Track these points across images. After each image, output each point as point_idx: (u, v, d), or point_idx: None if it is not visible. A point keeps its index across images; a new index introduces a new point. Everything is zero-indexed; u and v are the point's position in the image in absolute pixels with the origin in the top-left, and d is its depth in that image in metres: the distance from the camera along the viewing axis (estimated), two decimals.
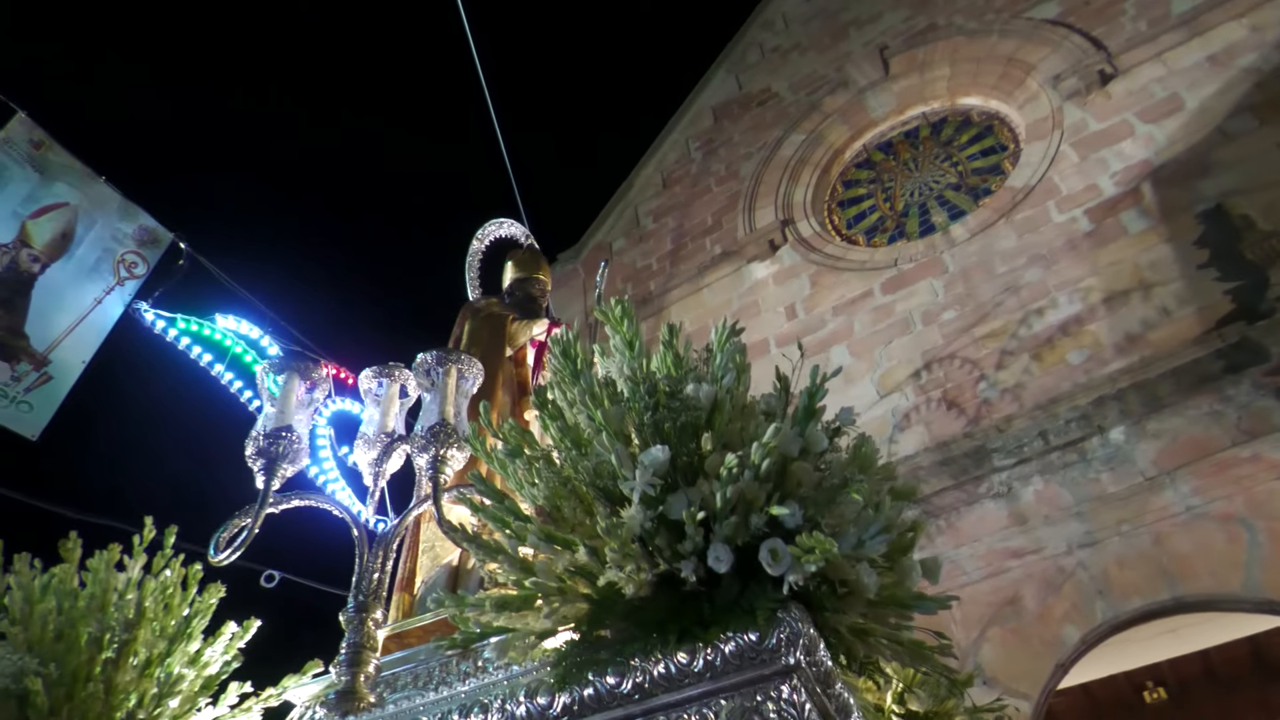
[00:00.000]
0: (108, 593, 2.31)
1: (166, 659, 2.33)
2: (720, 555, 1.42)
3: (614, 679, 1.39)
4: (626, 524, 1.48)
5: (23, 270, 5.50)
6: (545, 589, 1.52)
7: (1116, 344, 5.68)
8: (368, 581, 2.13)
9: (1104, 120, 6.72)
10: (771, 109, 9.03)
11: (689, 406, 1.59)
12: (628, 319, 1.77)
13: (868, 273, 7.20)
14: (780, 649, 1.32)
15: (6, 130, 5.58)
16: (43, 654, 2.11)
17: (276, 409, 2.31)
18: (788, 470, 1.53)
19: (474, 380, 2.47)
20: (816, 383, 1.70)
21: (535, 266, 4.22)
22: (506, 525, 1.60)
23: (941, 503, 5.67)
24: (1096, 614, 4.97)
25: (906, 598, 1.57)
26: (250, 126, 16.37)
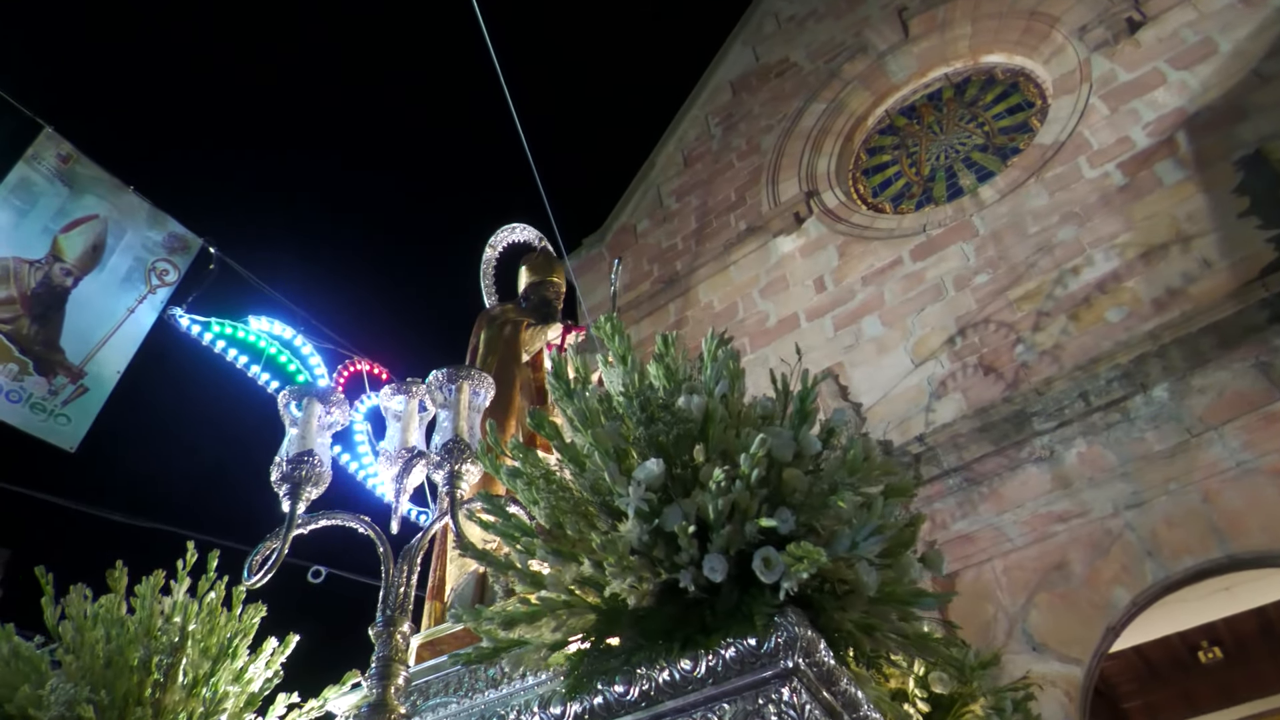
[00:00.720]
0: (153, 618, 2.39)
1: (211, 678, 2.41)
2: (715, 565, 1.47)
3: (622, 687, 1.46)
4: (623, 537, 1.53)
5: (56, 285, 5.60)
6: (553, 602, 1.59)
7: (1156, 299, 5.55)
8: (394, 595, 2.19)
9: (1134, 70, 6.54)
10: (790, 79, 8.90)
11: (681, 419, 1.64)
12: (619, 334, 1.81)
13: (896, 240, 7.10)
14: (778, 653, 1.38)
15: (34, 146, 5.66)
16: (94, 681, 2.19)
17: (298, 434, 2.38)
18: (781, 476, 1.57)
19: (486, 394, 2.53)
20: (809, 385, 1.72)
21: (549, 270, 4.26)
22: (515, 540, 1.66)
23: (983, 469, 5.60)
24: (1146, 575, 4.88)
25: (906, 595, 1.61)
26: (272, 127, 16.51)
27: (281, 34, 16.39)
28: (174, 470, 10.61)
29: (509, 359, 3.70)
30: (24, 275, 5.51)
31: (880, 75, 8.28)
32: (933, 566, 1.68)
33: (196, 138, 14.83)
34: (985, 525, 5.47)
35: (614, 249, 9.07)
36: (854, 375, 6.64)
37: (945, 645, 1.71)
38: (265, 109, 16.77)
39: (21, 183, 5.55)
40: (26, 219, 5.56)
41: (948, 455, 5.70)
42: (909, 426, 6.07)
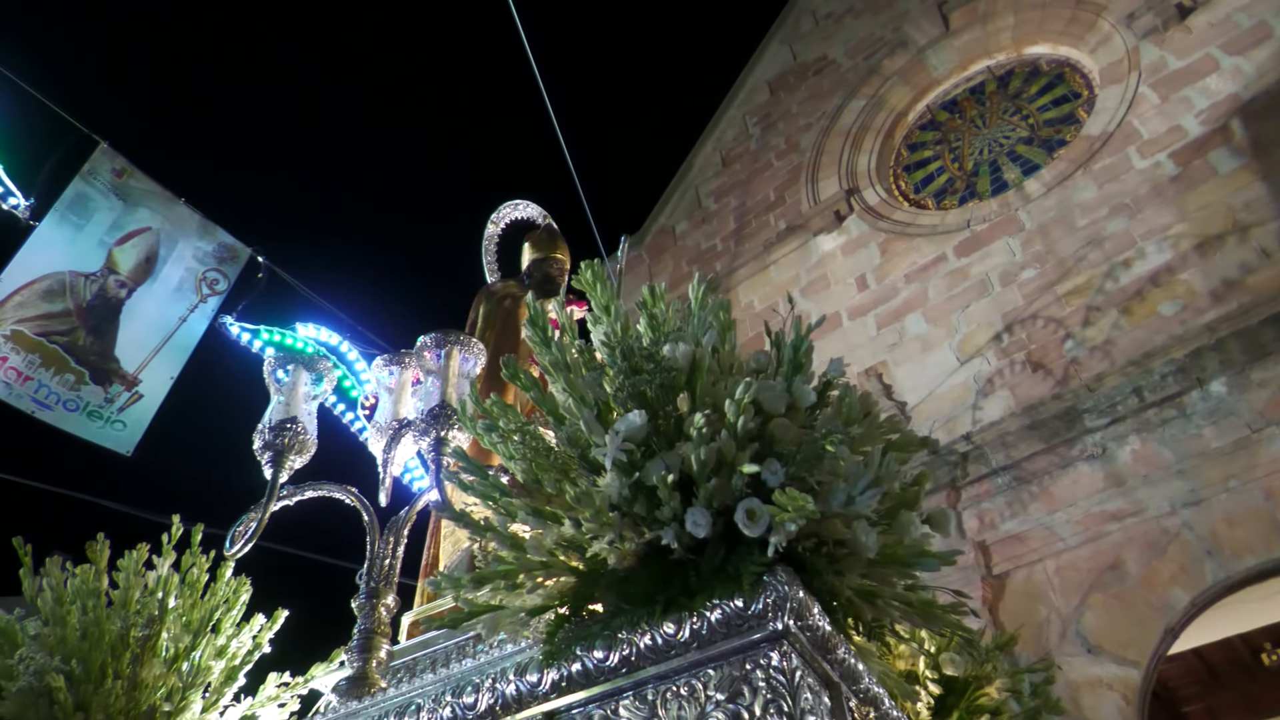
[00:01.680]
0: (132, 590, 2.38)
1: (191, 652, 2.40)
2: (698, 520, 1.36)
3: (601, 653, 1.36)
4: (600, 491, 1.44)
5: (111, 296, 5.77)
6: (527, 563, 1.49)
7: (1212, 291, 5.39)
8: (378, 567, 2.15)
9: (1185, 57, 6.37)
10: (828, 77, 8.83)
11: (666, 368, 1.52)
12: (600, 283, 1.70)
13: (939, 237, 6.99)
14: (767, 614, 1.27)
15: (90, 162, 5.83)
16: (67, 652, 2.19)
17: (284, 401, 2.34)
18: (772, 429, 1.46)
19: (476, 361, 2.45)
20: (802, 334, 1.60)
21: (552, 246, 4.13)
22: (494, 500, 1.57)
23: (1033, 468, 5.49)
24: (1206, 575, 4.74)
25: (907, 555, 1.48)
26: (316, 137, 16.81)
27: (324, 45, 16.69)
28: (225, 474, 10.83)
29: (508, 334, 3.61)
30: (80, 288, 5.68)
31: (920, 70, 8.17)
32: (938, 526, 1.54)
33: (245, 150, 15.16)
34: (1036, 525, 5.36)
35: (653, 251, 9.07)
36: (898, 374, 6.56)
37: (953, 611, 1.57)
38: (310, 120, 17.09)
39: (78, 198, 5.72)
40: (82, 233, 5.73)
41: (996, 454, 5.59)
42: (955, 425, 5.98)
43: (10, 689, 2.13)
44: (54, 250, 5.58)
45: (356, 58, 17.05)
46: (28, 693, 2.10)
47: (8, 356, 5.22)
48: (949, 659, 2.16)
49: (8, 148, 5.38)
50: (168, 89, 15.25)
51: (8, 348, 5.23)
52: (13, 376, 5.22)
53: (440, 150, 18.85)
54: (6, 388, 5.17)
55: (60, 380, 5.39)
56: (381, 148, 17.92)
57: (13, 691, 2.12)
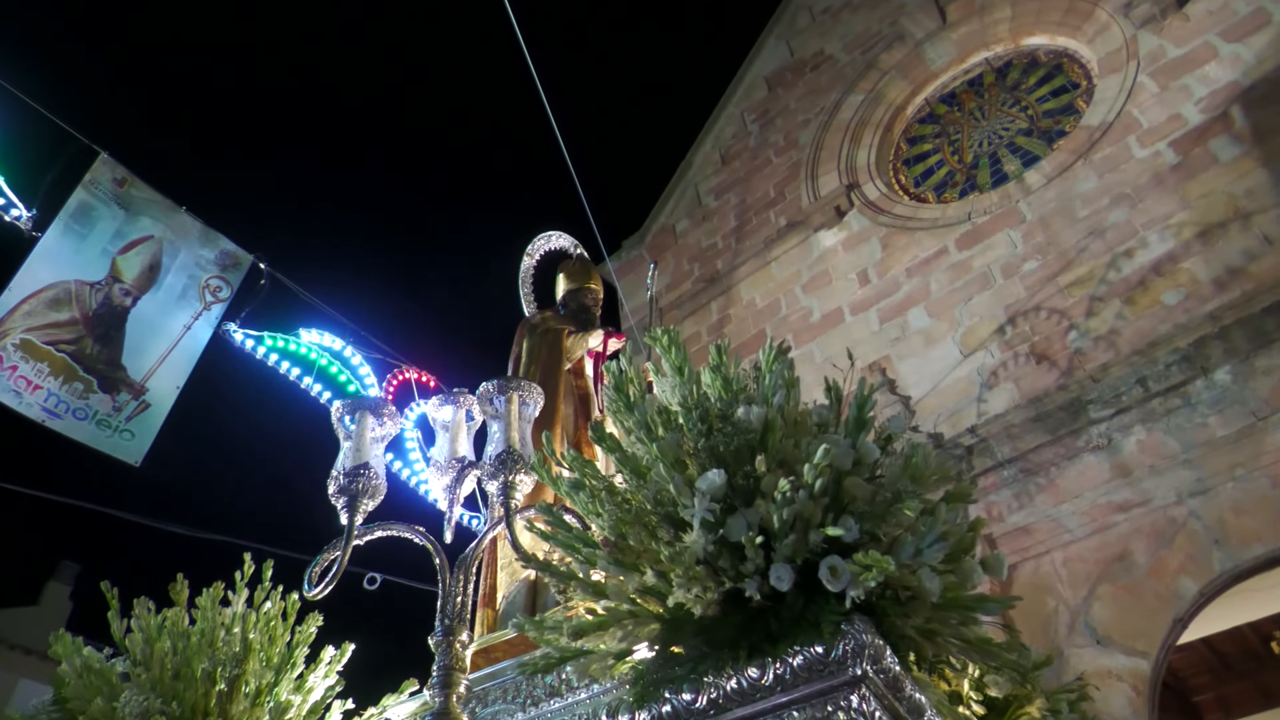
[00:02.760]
0: (216, 629, 2.45)
1: (274, 688, 2.46)
2: (782, 575, 1.47)
3: (690, 695, 1.46)
4: (690, 548, 1.54)
5: (116, 305, 5.78)
6: (617, 612, 1.59)
7: (1216, 279, 5.38)
8: (452, 605, 2.23)
9: (1183, 45, 6.36)
10: (826, 72, 8.82)
11: (741, 430, 1.65)
12: (675, 346, 1.84)
13: (940, 230, 6.99)
14: (846, 660, 1.38)
15: (91, 172, 5.84)
16: (164, 693, 2.25)
17: (353, 447, 2.42)
18: (842, 485, 1.58)
19: (535, 405, 2.56)
20: (865, 393, 1.73)
21: (586, 276, 4.32)
22: (577, 551, 1.67)
23: (1038, 459, 5.48)
24: (1214, 564, 4.74)
25: (969, 601, 1.60)
26: (315, 143, 16.83)
27: (324, 52, 16.70)
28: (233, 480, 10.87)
29: (552, 366, 3.74)
30: (85, 297, 5.69)
31: (918, 63, 8.17)
32: (993, 571, 1.67)
33: (244, 157, 15.18)
34: (1043, 517, 5.36)
35: (654, 250, 9.07)
36: (902, 368, 6.56)
37: (1007, 650, 1.71)
38: (309, 126, 17.10)
39: (81, 208, 5.74)
40: (86, 243, 5.75)
41: (1001, 446, 5.59)
42: (960, 418, 5.98)
43: None
44: (59, 260, 5.59)
45: (354, 62, 17.07)
46: None
47: (17, 365, 5.23)
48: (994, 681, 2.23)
49: (10, 160, 5.40)
50: (167, 98, 15.27)
51: (17, 356, 5.25)
52: (22, 385, 5.23)
53: (439, 152, 18.86)
54: (16, 396, 5.19)
55: (69, 389, 5.40)
56: (380, 151, 17.93)
57: None
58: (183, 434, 6.78)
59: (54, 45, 12.77)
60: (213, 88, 15.83)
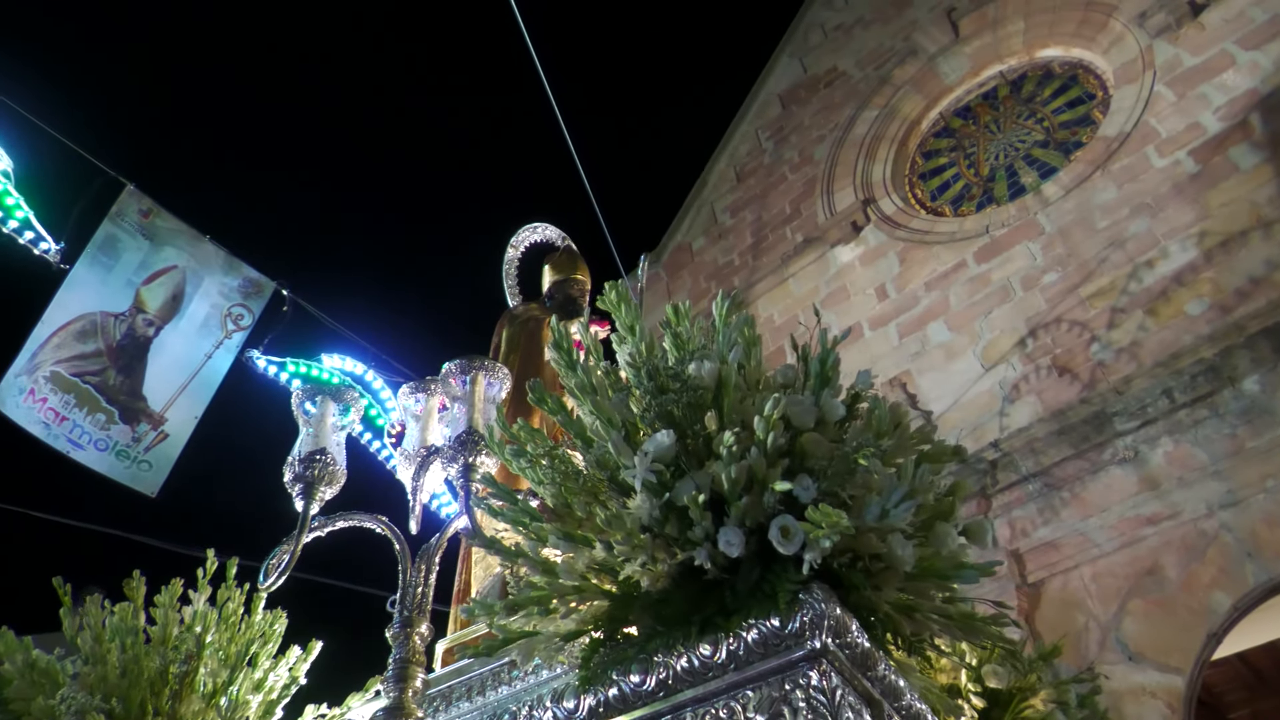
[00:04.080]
0: (169, 627, 2.39)
1: (229, 686, 2.41)
2: (731, 539, 1.35)
3: (638, 677, 1.34)
4: (631, 513, 1.42)
5: (139, 335, 5.87)
6: (560, 588, 1.47)
7: (1239, 289, 5.32)
8: (411, 596, 2.15)
9: (1200, 54, 6.32)
10: (840, 89, 8.84)
11: (693, 387, 1.51)
12: (625, 303, 1.72)
13: (958, 243, 6.96)
14: (804, 632, 1.25)
15: (118, 204, 5.95)
16: (108, 690, 2.19)
17: (312, 433, 2.36)
18: (802, 444, 1.44)
19: (501, 386, 2.46)
20: (828, 347, 1.61)
21: (572, 268, 4.17)
22: (525, 526, 1.56)
23: (1063, 474, 5.42)
24: (1248, 578, 4.65)
25: (945, 568, 1.45)
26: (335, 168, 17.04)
27: (344, 81, 16.95)
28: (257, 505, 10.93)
29: (531, 356, 3.62)
30: (110, 328, 5.78)
31: (932, 78, 8.17)
32: (975, 538, 1.52)
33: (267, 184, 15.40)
34: (1070, 531, 5.29)
35: (671, 269, 9.09)
36: (922, 383, 6.51)
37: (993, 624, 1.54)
38: (331, 153, 17.33)
39: (107, 240, 5.84)
40: (111, 274, 5.85)
41: (1025, 460, 5.53)
42: (983, 433, 5.92)
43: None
44: (86, 292, 5.69)
45: (375, 90, 17.31)
46: None
47: (47, 397, 5.33)
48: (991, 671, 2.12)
49: (39, 194, 5.51)
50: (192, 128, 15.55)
51: (47, 389, 5.34)
52: (51, 416, 5.32)
53: (458, 176, 19.04)
54: (45, 428, 5.28)
55: (92, 420, 5.48)
56: (399, 175, 18.14)
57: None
58: (209, 460, 6.84)
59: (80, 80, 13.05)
60: (237, 117, 16.11)
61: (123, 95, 13.91)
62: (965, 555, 1.49)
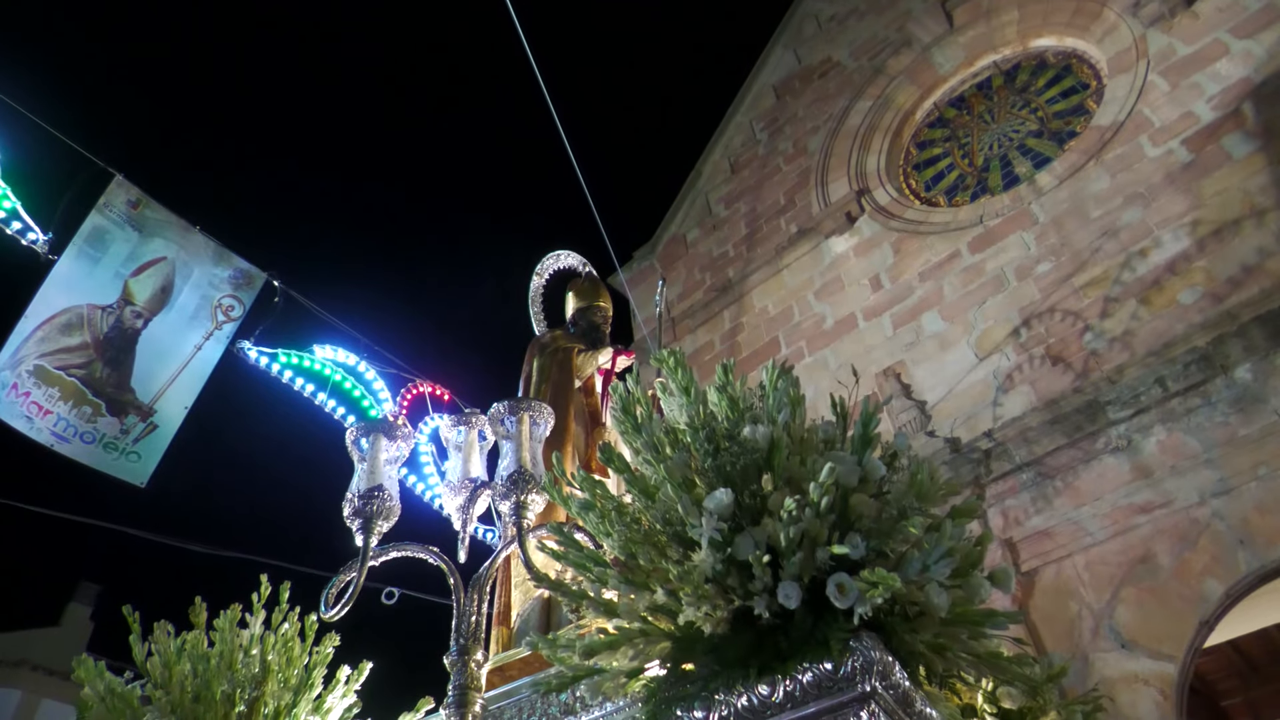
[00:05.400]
0: (234, 651, 2.46)
1: (293, 709, 2.48)
2: (789, 593, 1.49)
3: (701, 713, 1.48)
4: (699, 567, 1.56)
5: (127, 328, 5.82)
6: (629, 631, 1.61)
7: (1232, 277, 5.32)
8: (466, 624, 2.24)
9: (1193, 43, 6.31)
10: (834, 79, 8.82)
11: (748, 449, 1.67)
12: (681, 367, 1.85)
13: (952, 234, 6.96)
14: (855, 676, 1.39)
15: (106, 195, 5.89)
16: (183, 715, 2.27)
17: (367, 469, 2.43)
18: (848, 502, 1.59)
19: (546, 425, 2.58)
20: (870, 410, 1.75)
21: (595, 295, 4.34)
22: (588, 570, 1.70)
23: (1056, 463, 5.43)
24: (1239, 565, 4.67)
25: (977, 616, 1.62)
26: (327, 159, 16.96)
27: (337, 72, 16.85)
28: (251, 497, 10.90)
29: (562, 386, 3.76)
30: (97, 321, 5.73)
31: (926, 68, 8.15)
32: (1001, 585, 1.68)
33: (258, 175, 15.32)
34: (1063, 520, 5.30)
35: (665, 260, 9.07)
36: (916, 373, 6.51)
37: (1017, 664, 1.73)
38: (322, 143, 17.25)
39: (94, 232, 5.78)
40: (99, 266, 5.79)
41: (1019, 450, 5.54)
42: (976, 422, 5.93)
43: None
44: (72, 284, 5.64)
45: (364, 80, 17.20)
46: None
47: (30, 391, 5.28)
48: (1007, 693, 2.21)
49: (26, 184, 5.46)
50: (181, 118, 15.45)
51: (30, 383, 5.29)
52: (34, 410, 5.28)
53: (450, 168, 18.97)
54: (28, 422, 5.23)
55: (78, 413, 5.44)
56: (390, 166, 18.05)
57: None
58: (201, 452, 6.82)
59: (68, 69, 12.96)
60: (226, 107, 16.01)
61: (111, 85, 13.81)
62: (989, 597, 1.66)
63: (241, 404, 7.01)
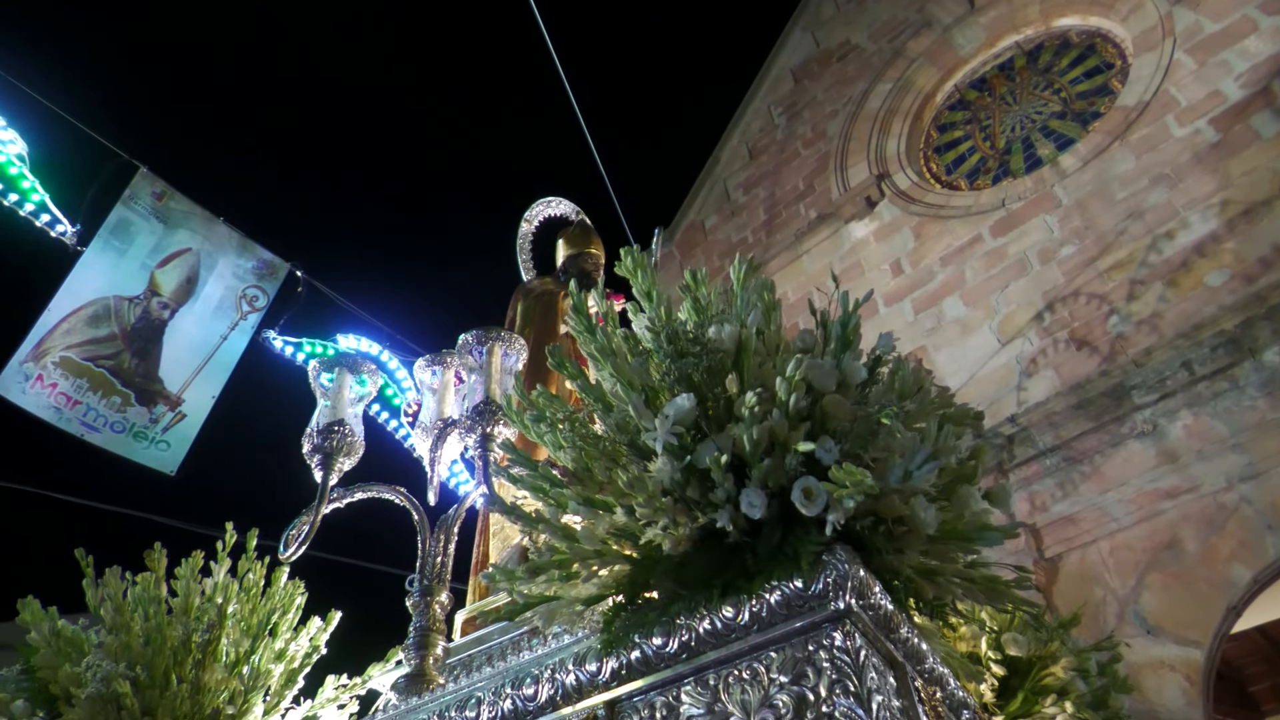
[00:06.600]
0: (191, 596, 2.42)
1: (251, 655, 2.43)
2: (754, 500, 1.34)
3: (660, 640, 1.34)
4: (653, 476, 1.42)
5: (154, 318, 5.90)
6: (581, 552, 1.48)
7: (1262, 258, 5.24)
8: (431, 565, 2.17)
9: (1221, 19, 6.20)
10: (853, 62, 8.74)
11: (712, 350, 1.50)
12: (641, 269, 1.70)
13: (974, 217, 6.89)
14: (828, 594, 1.25)
15: (131, 187, 5.96)
16: (132, 658, 2.22)
17: (330, 404, 2.36)
18: (822, 407, 1.43)
19: (518, 357, 2.45)
20: (849, 310, 1.59)
21: (586, 241, 4.14)
22: (544, 493, 1.56)
23: (1082, 447, 5.38)
24: (1268, 550, 4.62)
25: (969, 530, 1.44)
26: (346, 148, 17.04)
27: (353, 58, 16.90)
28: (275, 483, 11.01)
29: (547, 329, 3.60)
30: (124, 312, 5.81)
31: (947, 49, 8.06)
32: (997, 502, 1.51)
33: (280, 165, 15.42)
34: (1088, 505, 5.26)
35: (684, 246, 9.05)
36: (938, 358, 6.47)
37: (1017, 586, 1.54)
38: (342, 133, 17.33)
39: (120, 224, 5.86)
40: (125, 258, 5.87)
41: (1043, 435, 5.50)
42: (999, 408, 5.88)
43: (79, 696, 2.18)
44: (99, 276, 5.72)
45: (385, 68, 17.24)
46: (96, 699, 2.14)
47: (57, 382, 5.36)
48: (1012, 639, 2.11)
49: (54, 177, 5.53)
50: (202, 111, 15.56)
51: (57, 374, 5.38)
52: (62, 401, 5.36)
53: (470, 155, 19.00)
54: (57, 412, 5.32)
55: (107, 403, 5.52)
56: (412, 155, 18.11)
57: (81, 699, 2.16)
58: (226, 440, 6.89)
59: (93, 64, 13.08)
60: (248, 99, 16.11)
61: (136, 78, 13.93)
62: (988, 518, 1.48)
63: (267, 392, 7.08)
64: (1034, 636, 2.15)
